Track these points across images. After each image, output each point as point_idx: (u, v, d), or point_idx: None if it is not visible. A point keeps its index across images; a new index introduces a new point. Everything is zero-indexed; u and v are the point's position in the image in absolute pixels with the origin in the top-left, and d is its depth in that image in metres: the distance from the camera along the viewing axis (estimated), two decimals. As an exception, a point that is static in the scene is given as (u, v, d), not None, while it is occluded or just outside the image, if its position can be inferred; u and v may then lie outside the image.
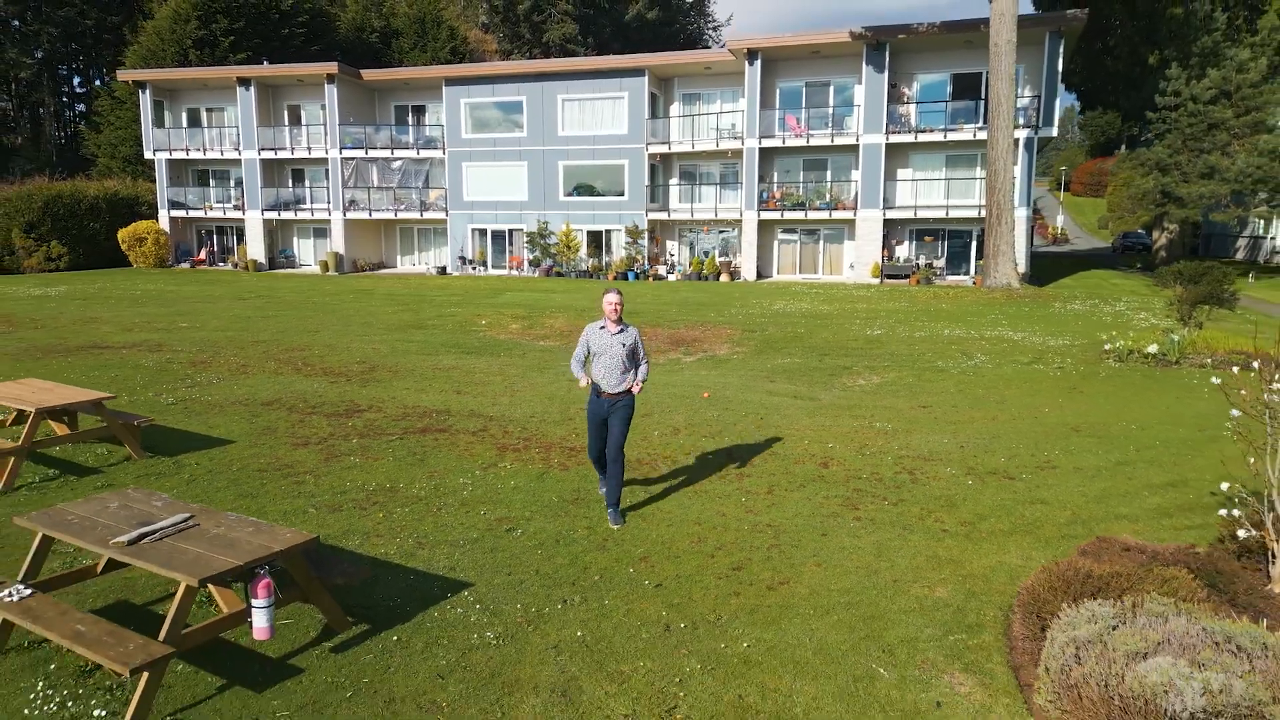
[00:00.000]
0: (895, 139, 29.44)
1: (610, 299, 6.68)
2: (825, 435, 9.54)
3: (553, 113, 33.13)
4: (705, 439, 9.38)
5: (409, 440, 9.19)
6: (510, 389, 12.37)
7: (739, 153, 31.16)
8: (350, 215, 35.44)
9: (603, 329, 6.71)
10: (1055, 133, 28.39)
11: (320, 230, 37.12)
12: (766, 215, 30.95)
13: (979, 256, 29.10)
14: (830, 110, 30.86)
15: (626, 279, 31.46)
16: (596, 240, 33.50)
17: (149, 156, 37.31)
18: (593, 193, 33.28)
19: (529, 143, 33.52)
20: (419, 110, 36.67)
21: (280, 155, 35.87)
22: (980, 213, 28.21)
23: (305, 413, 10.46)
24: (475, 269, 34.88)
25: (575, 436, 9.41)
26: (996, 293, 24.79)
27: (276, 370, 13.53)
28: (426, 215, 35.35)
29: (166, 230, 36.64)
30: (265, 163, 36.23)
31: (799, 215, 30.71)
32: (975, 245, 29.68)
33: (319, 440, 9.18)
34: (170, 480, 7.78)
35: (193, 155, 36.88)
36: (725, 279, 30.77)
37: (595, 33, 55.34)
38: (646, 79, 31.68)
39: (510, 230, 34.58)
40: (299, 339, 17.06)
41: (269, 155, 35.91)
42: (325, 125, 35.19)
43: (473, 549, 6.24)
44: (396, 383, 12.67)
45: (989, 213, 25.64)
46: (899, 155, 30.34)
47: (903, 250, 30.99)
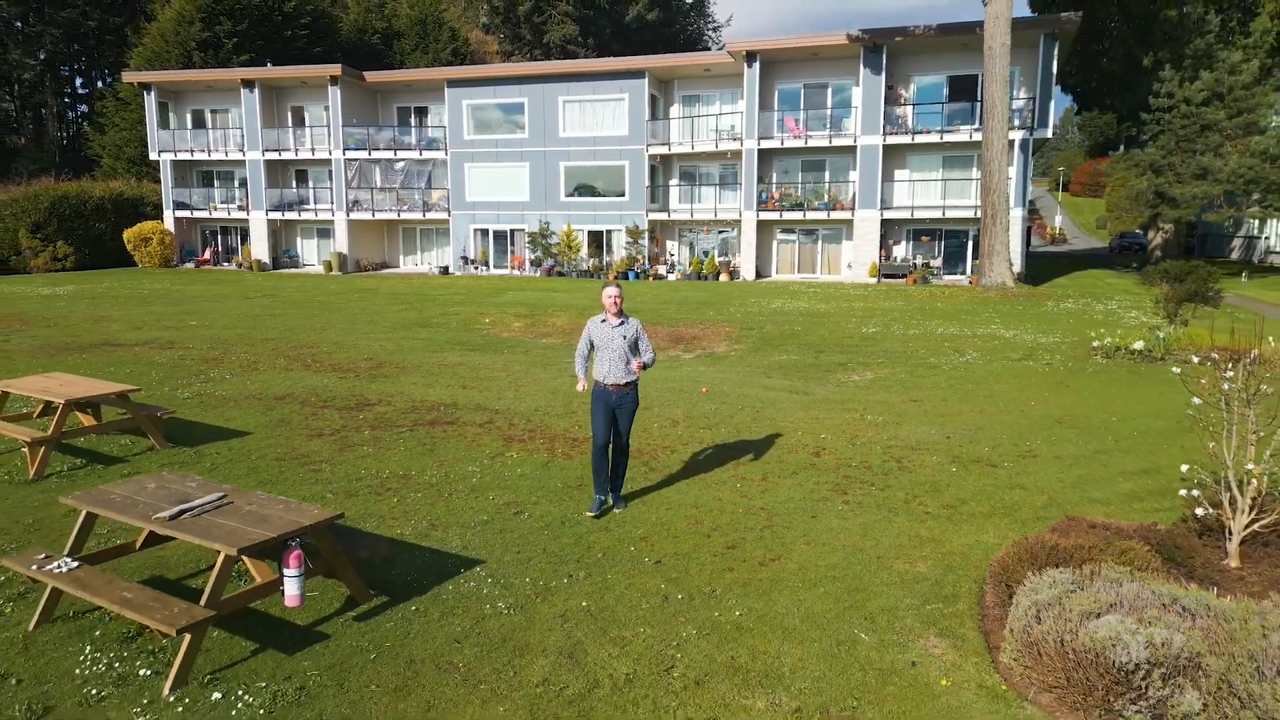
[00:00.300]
0: (892, 140, 29.83)
1: (609, 292, 6.87)
2: (818, 427, 9.93)
3: (554, 114, 33.52)
4: (703, 430, 9.77)
5: (418, 432, 9.57)
6: (514, 384, 12.76)
7: (738, 154, 31.55)
8: (353, 215, 35.84)
9: (604, 322, 6.90)
10: (1050, 134, 28.79)
11: (324, 230, 37.52)
12: (765, 215, 31.34)
13: (975, 256, 29.50)
14: (828, 112, 31.25)
15: (627, 278, 31.85)
16: (597, 240, 33.89)
17: (154, 158, 37.71)
18: (594, 193, 33.67)
19: (530, 144, 33.91)
20: (421, 111, 37.07)
21: (284, 156, 36.26)
22: (976, 213, 28.60)
23: (317, 406, 10.85)
24: (477, 269, 35.27)
25: (578, 428, 9.80)
26: (991, 292, 25.18)
27: (287, 367, 13.92)
28: (429, 216, 35.74)
29: (171, 230, 37.04)
30: (269, 163, 36.63)
31: (797, 215, 31.11)
32: (971, 245, 30.07)
33: (332, 432, 9.57)
34: (193, 469, 8.17)
35: (197, 156, 37.27)
36: (724, 278, 31.16)
37: (595, 34, 55.71)
38: (646, 81, 32.08)
39: (512, 230, 34.97)
40: (307, 336, 17.45)
41: (273, 156, 36.31)
42: (329, 126, 35.59)
43: (483, 530, 6.63)
44: (404, 378, 13.06)
45: (984, 213, 26.03)
46: (896, 156, 30.73)
47: (900, 250, 31.37)
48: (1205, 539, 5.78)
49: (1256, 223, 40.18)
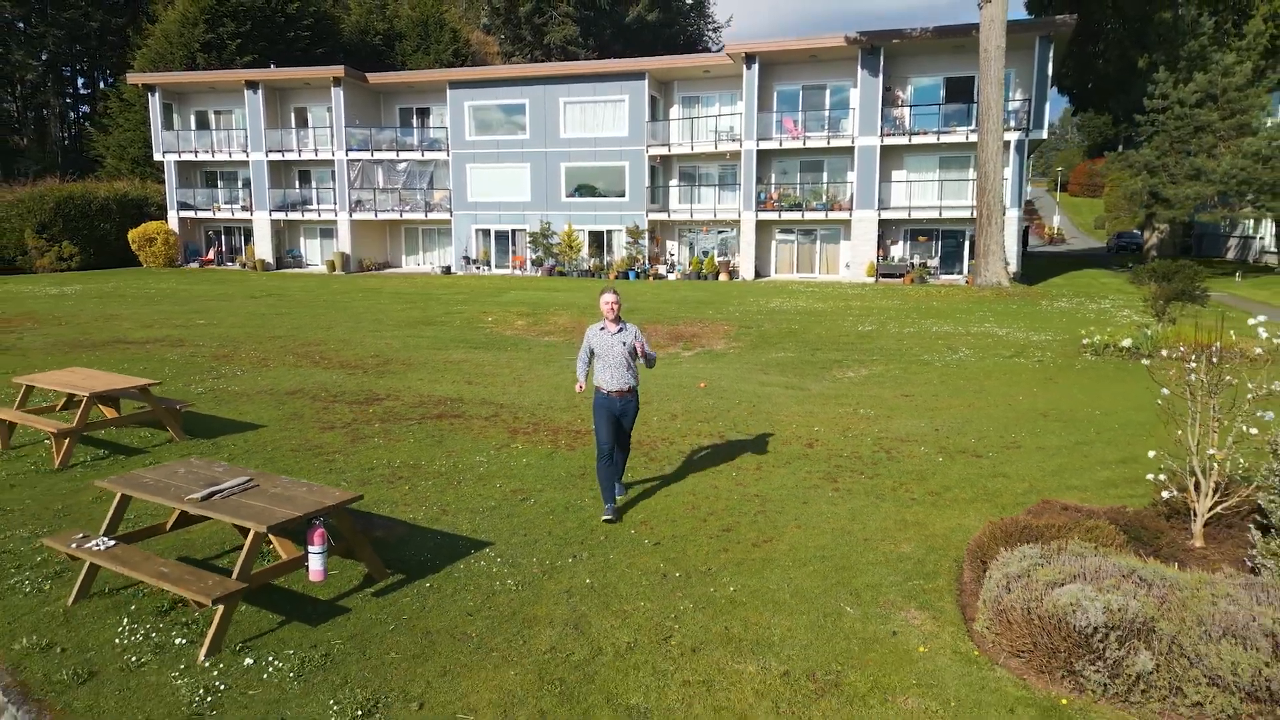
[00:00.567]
0: (890, 141, 30.19)
1: (607, 298, 6.82)
2: (812, 420, 10.28)
3: (555, 115, 33.88)
4: (700, 423, 10.12)
5: (426, 425, 9.93)
6: (518, 380, 13.12)
7: (737, 154, 31.91)
8: (356, 216, 36.21)
9: (603, 330, 6.88)
10: (1045, 135, 29.14)
11: (327, 230, 37.89)
12: (764, 216, 31.70)
13: (971, 256, 29.84)
14: (826, 113, 31.61)
15: (627, 278, 32.21)
16: (598, 240, 34.25)
17: (158, 158, 38.09)
18: (594, 194, 34.04)
19: (531, 144, 34.27)
20: (423, 113, 37.43)
21: (287, 157, 36.64)
22: (972, 213, 28.95)
23: (328, 401, 11.20)
24: (479, 268, 35.63)
25: (581, 421, 10.15)
26: (986, 291, 25.53)
27: (295, 363, 14.27)
28: (431, 216, 36.11)
29: (176, 231, 37.40)
30: (273, 164, 36.99)
31: (796, 216, 31.47)
32: (968, 245, 30.42)
33: (343, 425, 9.92)
34: (213, 459, 8.51)
35: (201, 157, 37.65)
36: (724, 278, 31.52)
37: (596, 34, 56.07)
38: (647, 82, 32.43)
39: (513, 230, 35.33)
40: (313, 335, 17.80)
41: (276, 157, 36.68)
42: (332, 127, 35.96)
43: (491, 515, 6.98)
44: (410, 374, 13.42)
45: (979, 213, 26.38)
46: (893, 157, 31.09)
47: (897, 250, 31.73)
48: (1173, 521, 6.12)
49: (1252, 223, 40.54)
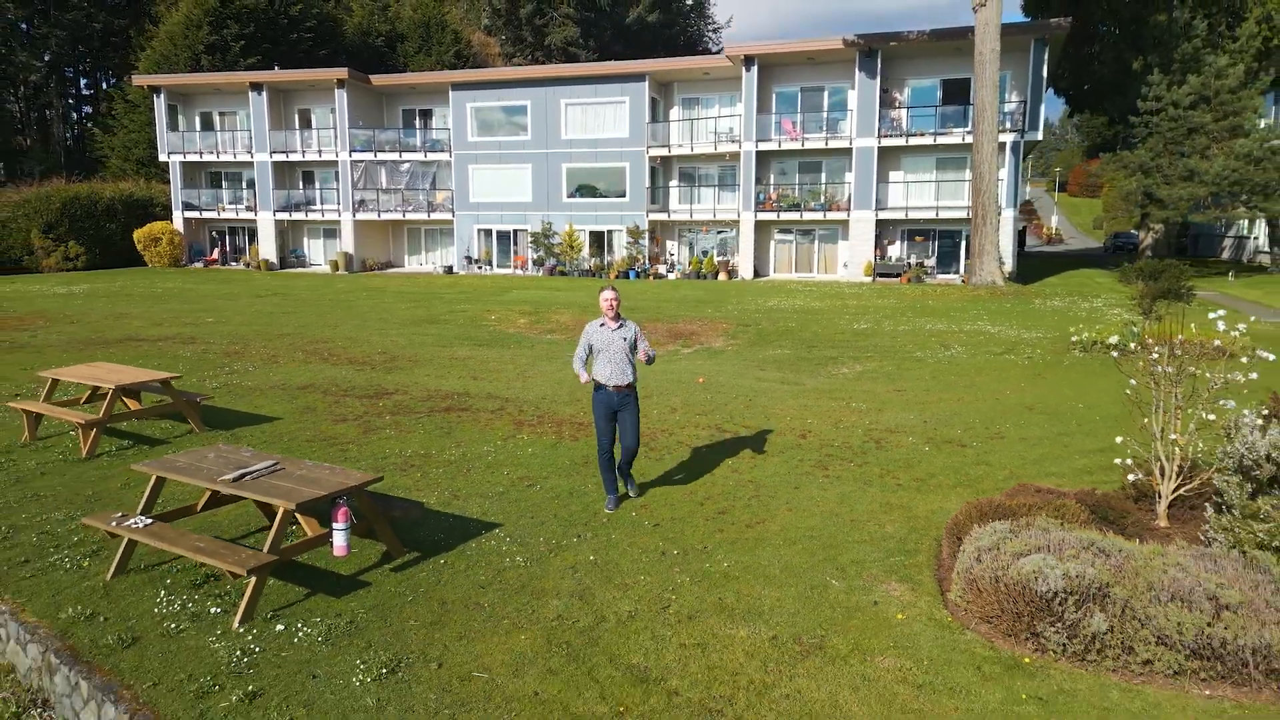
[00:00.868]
0: (887, 142, 30.59)
1: (606, 295, 6.99)
2: (806, 414, 10.68)
3: (556, 116, 34.29)
4: (699, 416, 10.52)
5: (435, 417, 10.33)
6: (522, 375, 13.52)
7: (736, 155, 32.31)
8: (359, 216, 36.61)
9: (603, 326, 7.00)
10: (1040, 136, 29.54)
11: (330, 231, 38.30)
12: (763, 216, 32.10)
13: (968, 256, 30.24)
14: (825, 114, 32.01)
15: (628, 278, 32.62)
16: (599, 240, 34.66)
17: (163, 159, 38.50)
18: (595, 194, 34.44)
19: (533, 145, 34.68)
20: (426, 114, 37.84)
21: (291, 158, 37.06)
22: (969, 214, 29.34)
23: (339, 395, 11.61)
24: (481, 268, 36.03)
25: (583, 414, 10.55)
26: (981, 290, 25.93)
27: (305, 360, 14.67)
28: (433, 216, 36.52)
29: (180, 231, 37.80)
30: (276, 165, 37.41)
31: (795, 216, 31.87)
32: (964, 245, 30.81)
33: (355, 417, 10.32)
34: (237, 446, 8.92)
35: (206, 158, 38.05)
36: (723, 277, 31.92)
37: (596, 35, 56.46)
38: (647, 84, 32.84)
39: (515, 230, 35.73)
40: (320, 332, 18.21)
41: (280, 158, 37.09)
42: (335, 128, 36.37)
43: (500, 499, 7.38)
44: (417, 370, 13.82)
45: (974, 214, 26.79)
46: (891, 158, 31.49)
47: (895, 250, 32.13)
48: (1140, 504, 6.52)
49: (1246, 223, 40.95)
